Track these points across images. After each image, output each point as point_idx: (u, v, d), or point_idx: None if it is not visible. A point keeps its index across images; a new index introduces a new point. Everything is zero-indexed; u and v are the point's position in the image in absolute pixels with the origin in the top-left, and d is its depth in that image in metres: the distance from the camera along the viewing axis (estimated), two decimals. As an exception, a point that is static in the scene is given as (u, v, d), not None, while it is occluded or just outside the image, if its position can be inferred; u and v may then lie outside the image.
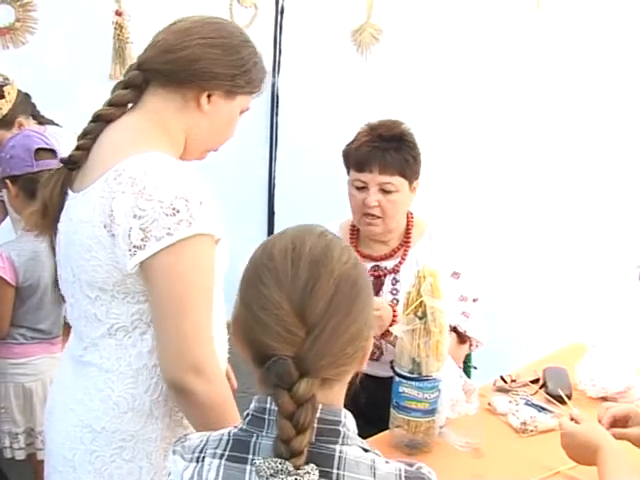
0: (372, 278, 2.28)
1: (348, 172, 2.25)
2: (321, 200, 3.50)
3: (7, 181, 2.46)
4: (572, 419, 1.71)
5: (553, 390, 2.21)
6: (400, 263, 2.29)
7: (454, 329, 2.21)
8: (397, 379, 1.91)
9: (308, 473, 1.05)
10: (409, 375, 1.88)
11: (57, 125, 2.78)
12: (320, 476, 1.07)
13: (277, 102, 3.97)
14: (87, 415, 1.56)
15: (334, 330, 1.09)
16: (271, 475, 1.04)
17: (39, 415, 2.52)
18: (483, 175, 3.73)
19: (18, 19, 2.81)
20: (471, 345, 2.29)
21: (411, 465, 1.16)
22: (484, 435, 1.97)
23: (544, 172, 3.66)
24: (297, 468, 1.05)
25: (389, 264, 2.29)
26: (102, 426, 1.55)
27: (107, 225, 1.45)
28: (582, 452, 1.61)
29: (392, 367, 1.94)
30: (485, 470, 1.87)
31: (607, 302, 3.47)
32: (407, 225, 2.32)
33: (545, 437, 2.02)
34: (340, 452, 1.11)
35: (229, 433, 1.16)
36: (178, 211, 1.41)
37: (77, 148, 1.57)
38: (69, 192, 1.58)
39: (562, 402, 2.18)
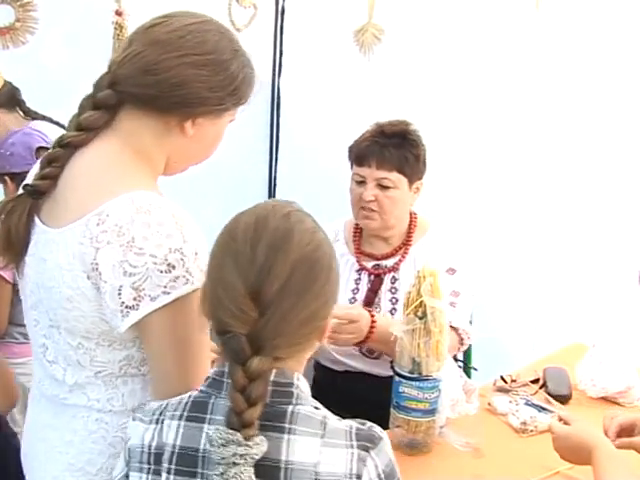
0: (372, 277, 2.29)
1: (351, 167, 2.27)
2: (323, 201, 3.49)
3: (6, 178, 2.45)
4: (560, 420, 1.71)
5: (553, 390, 2.21)
6: (400, 261, 2.29)
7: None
8: (397, 379, 1.91)
9: (258, 444, 1.10)
10: (409, 375, 1.89)
11: (54, 122, 2.77)
12: (273, 430, 1.14)
13: (279, 103, 3.97)
14: (79, 458, 1.45)
15: (288, 312, 1.14)
16: (222, 445, 1.09)
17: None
18: (486, 174, 3.73)
19: (18, 19, 2.80)
20: (462, 340, 2.24)
21: (363, 424, 1.21)
22: (484, 435, 1.98)
23: (546, 172, 3.67)
24: (248, 438, 1.09)
25: (389, 262, 2.30)
26: (98, 467, 1.44)
27: (91, 277, 1.30)
28: (576, 453, 1.61)
29: (392, 367, 1.94)
30: (485, 470, 1.88)
31: (607, 302, 3.47)
32: (410, 225, 2.32)
33: (545, 437, 2.00)
34: (293, 410, 1.16)
35: (189, 396, 1.22)
36: (174, 267, 1.28)
37: (43, 177, 1.39)
38: (37, 222, 1.42)
39: (562, 402, 2.18)
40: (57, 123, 2.75)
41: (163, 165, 1.44)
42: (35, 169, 1.48)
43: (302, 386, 1.20)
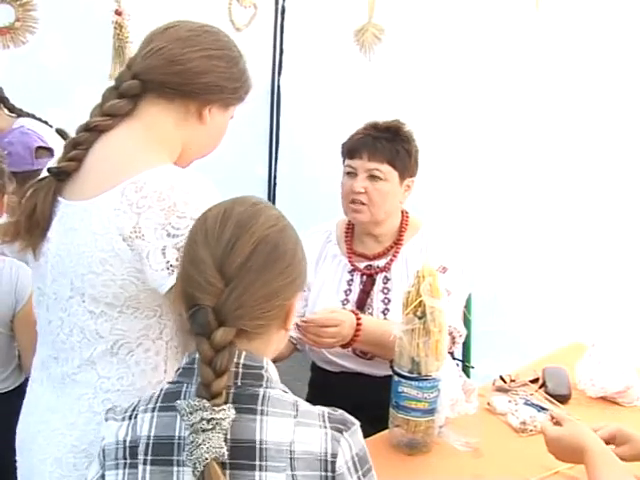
0: (365, 277, 2.28)
1: (343, 162, 2.28)
2: (322, 200, 3.50)
3: None
4: (553, 419, 1.72)
5: (553, 390, 2.21)
6: (391, 261, 2.29)
7: None
8: (396, 379, 1.91)
9: (224, 410, 1.15)
10: (408, 375, 1.88)
11: (37, 119, 2.77)
12: (246, 412, 1.19)
13: (279, 102, 3.98)
14: (83, 439, 1.50)
15: (250, 285, 1.20)
16: (189, 413, 1.14)
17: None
18: (486, 174, 3.73)
19: (18, 19, 2.81)
20: (454, 339, 2.23)
21: (335, 411, 1.25)
22: (483, 435, 1.97)
23: (545, 172, 3.66)
24: (217, 406, 1.15)
25: (381, 263, 2.29)
26: None
27: (127, 239, 1.40)
28: (570, 454, 1.63)
29: (391, 367, 1.93)
30: (484, 470, 1.87)
31: (607, 302, 3.46)
32: (401, 223, 2.32)
33: (544, 437, 2.03)
34: (264, 393, 1.21)
35: (160, 389, 1.26)
36: None
37: (70, 159, 1.50)
38: (60, 200, 1.51)
39: (562, 401, 2.18)
40: (40, 119, 2.76)
41: (179, 151, 1.56)
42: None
43: (271, 370, 1.25)
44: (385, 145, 2.20)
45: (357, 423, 1.25)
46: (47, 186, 1.51)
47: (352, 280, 2.30)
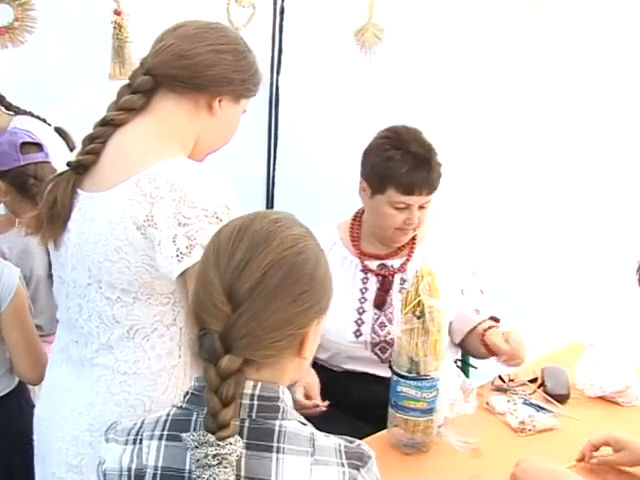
0: (380, 277, 2.28)
1: (382, 191, 2.17)
2: (321, 200, 3.50)
3: None
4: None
5: (551, 389, 2.21)
6: (407, 261, 2.29)
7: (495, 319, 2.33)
8: (395, 378, 1.91)
9: (230, 444, 1.08)
10: (407, 374, 1.88)
11: (35, 116, 2.77)
12: (261, 450, 1.13)
13: (277, 102, 3.97)
14: (99, 419, 1.54)
15: (260, 312, 1.12)
16: (195, 447, 1.08)
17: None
18: (485, 173, 3.73)
19: (17, 18, 2.82)
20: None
21: (351, 442, 1.19)
22: (482, 434, 1.97)
23: (544, 173, 3.67)
24: (222, 440, 1.08)
25: (395, 262, 2.29)
26: None
27: (140, 227, 1.46)
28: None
29: (390, 366, 1.94)
30: (483, 469, 1.87)
31: (606, 302, 3.47)
32: None
33: (543, 436, 2.02)
34: (280, 426, 1.15)
35: (167, 414, 1.19)
36: (221, 220, 1.44)
37: (87, 152, 1.56)
38: (80, 192, 1.57)
39: (560, 401, 2.18)
40: (38, 117, 2.76)
41: (192, 144, 1.62)
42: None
43: (287, 399, 1.19)
44: (434, 175, 2.17)
45: (373, 455, 1.19)
46: (67, 179, 1.57)
47: (367, 278, 2.28)
